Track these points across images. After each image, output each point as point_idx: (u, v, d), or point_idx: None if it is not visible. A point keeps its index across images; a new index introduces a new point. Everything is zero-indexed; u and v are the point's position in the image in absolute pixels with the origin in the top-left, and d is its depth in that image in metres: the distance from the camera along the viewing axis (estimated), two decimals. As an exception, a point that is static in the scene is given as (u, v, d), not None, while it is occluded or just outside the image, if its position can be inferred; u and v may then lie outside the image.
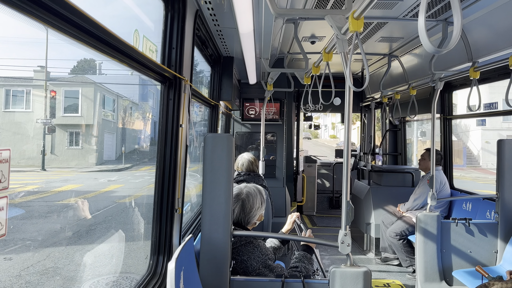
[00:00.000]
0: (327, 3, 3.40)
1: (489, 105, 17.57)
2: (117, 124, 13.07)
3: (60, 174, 8.90)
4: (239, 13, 2.55)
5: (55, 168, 8.69)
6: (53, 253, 5.35)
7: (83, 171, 10.06)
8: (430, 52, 1.37)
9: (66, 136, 8.72)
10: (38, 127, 6.94)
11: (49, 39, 5.04)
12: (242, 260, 2.47)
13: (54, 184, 8.50)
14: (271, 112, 6.47)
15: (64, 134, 8.70)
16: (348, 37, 2.21)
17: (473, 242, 4.11)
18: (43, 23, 1.24)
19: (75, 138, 8.94)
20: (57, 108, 8.18)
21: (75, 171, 9.58)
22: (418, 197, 5.46)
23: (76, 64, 10.43)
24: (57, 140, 8.60)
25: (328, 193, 10.19)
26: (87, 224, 6.74)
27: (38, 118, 6.87)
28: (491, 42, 3.58)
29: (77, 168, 9.58)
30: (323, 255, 6.11)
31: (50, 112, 7.48)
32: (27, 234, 5.70)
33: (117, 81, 12.55)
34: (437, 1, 3.30)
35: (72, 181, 9.22)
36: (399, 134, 8.13)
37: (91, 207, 7.57)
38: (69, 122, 8.90)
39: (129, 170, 12.91)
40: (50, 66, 6.53)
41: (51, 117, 7.74)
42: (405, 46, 5.00)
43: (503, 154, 3.99)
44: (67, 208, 7.16)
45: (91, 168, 10.46)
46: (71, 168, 9.22)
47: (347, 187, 2.14)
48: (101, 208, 7.83)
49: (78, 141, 9.11)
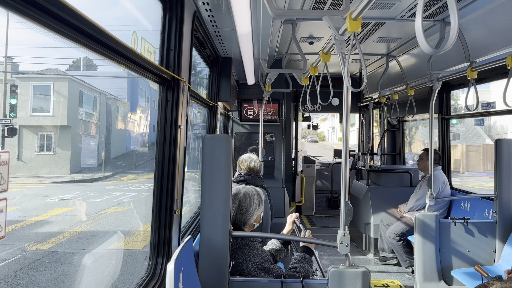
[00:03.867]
0: (325, 4, 3.41)
1: (487, 105, 17.60)
2: (99, 125, 11.42)
3: (11, 188, 7.02)
4: (237, 14, 2.56)
5: (18, 178, 7.27)
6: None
7: (47, 182, 7.95)
8: (427, 53, 1.38)
9: (36, 140, 7.45)
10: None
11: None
12: (238, 263, 2.47)
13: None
14: (269, 112, 6.47)
15: (33, 137, 7.44)
16: (346, 38, 2.22)
17: (472, 242, 4.12)
18: (40, 25, 1.24)
19: (46, 141, 7.70)
20: (24, 106, 6.95)
21: (39, 182, 7.62)
22: (420, 197, 5.45)
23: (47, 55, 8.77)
24: (25, 144, 7.34)
25: (326, 193, 10.20)
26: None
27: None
28: (489, 42, 3.59)
29: (47, 176, 7.63)
30: (322, 255, 6.11)
31: (10, 111, 6.18)
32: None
33: (100, 76, 11.01)
34: (434, 2, 3.31)
35: (10, 200, 6.31)
36: (397, 134, 8.14)
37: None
38: (39, 122, 7.62)
39: (108, 179, 10.76)
40: (12, 55, 5.40)
41: (12, 117, 6.48)
42: (403, 46, 5.01)
43: (501, 154, 4.01)
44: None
45: (62, 177, 8.40)
46: (38, 177, 7.47)
47: (345, 187, 2.15)
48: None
49: (50, 145, 7.85)
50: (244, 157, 4.40)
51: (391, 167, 7.34)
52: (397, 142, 8.19)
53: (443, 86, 5.62)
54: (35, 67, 8.82)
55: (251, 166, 4.31)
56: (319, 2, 3.37)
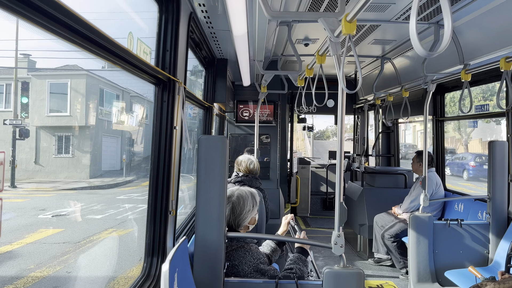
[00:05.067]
0: (320, 6, 3.42)
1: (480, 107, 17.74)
2: (122, 125, 10.43)
3: (24, 195, 5.88)
4: (233, 16, 2.56)
5: (33, 183, 6.45)
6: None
7: (59, 189, 6.84)
8: (421, 55, 1.39)
9: (54, 142, 6.86)
10: (4, 130, 4.92)
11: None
12: (233, 265, 2.47)
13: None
14: (265, 114, 6.48)
15: (51, 139, 6.88)
16: (341, 40, 2.23)
17: (465, 243, 4.15)
18: (35, 25, 1.23)
19: (64, 143, 7.12)
20: (40, 106, 6.41)
21: (52, 189, 6.58)
22: (414, 199, 5.48)
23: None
24: (42, 147, 6.72)
25: (321, 194, 10.22)
26: None
27: (5, 118, 5.22)
28: (482, 45, 3.62)
29: (64, 182, 6.71)
30: (316, 256, 6.12)
31: (22, 110, 5.52)
32: None
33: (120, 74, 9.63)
34: (429, 4, 3.34)
35: (4, 214, 5.60)
36: (392, 136, 8.18)
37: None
38: (56, 123, 7.04)
39: (128, 185, 9.81)
40: (28, 52, 4.91)
41: (24, 117, 5.79)
42: (397, 49, 5.05)
43: (494, 156, 4.04)
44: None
45: (79, 182, 7.36)
46: (55, 182, 6.61)
47: (340, 188, 2.16)
48: None
49: (68, 148, 7.22)
50: (244, 159, 4.34)
51: (386, 169, 7.38)
52: (391, 143, 8.23)
53: (437, 88, 5.64)
54: (53, 63, 8.01)
55: (250, 168, 4.27)
56: (314, 4, 3.38)
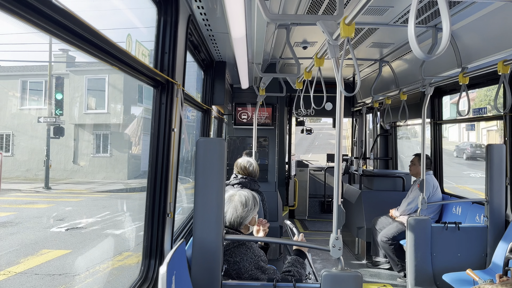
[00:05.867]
0: (319, 9, 3.43)
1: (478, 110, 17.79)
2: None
3: (51, 200, 5.31)
4: (232, 18, 2.56)
5: (71, 184, 5.98)
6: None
7: (93, 192, 6.12)
8: (419, 58, 1.39)
9: (92, 140, 6.35)
10: (39, 128, 4.64)
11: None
12: (235, 262, 2.49)
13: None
14: (263, 116, 6.48)
15: (89, 138, 6.39)
16: (340, 43, 2.24)
17: (463, 246, 4.15)
18: (35, 27, 1.23)
19: (103, 142, 6.58)
20: (78, 102, 5.97)
21: (87, 191, 5.91)
22: (411, 201, 5.49)
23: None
24: (81, 146, 6.25)
25: (319, 197, 10.21)
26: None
27: (40, 116, 4.92)
28: (480, 48, 3.64)
29: (100, 183, 6.09)
30: (315, 259, 6.11)
31: (56, 107, 5.22)
32: None
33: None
34: (427, 8, 3.35)
35: (16, 225, 4.83)
36: (390, 139, 8.19)
37: None
38: (94, 121, 6.51)
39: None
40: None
41: (58, 114, 5.44)
42: (395, 52, 5.06)
43: (492, 159, 4.05)
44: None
45: (116, 184, 6.55)
46: (92, 183, 6.15)
47: (338, 191, 2.16)
48: None
49: (106, 147, 6.63)
50: (243, 161, 4.31)
51: (384, 172, 7.38)
52: (389, 146, 8.24)
53: (435, 91, 5.67)
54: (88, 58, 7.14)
55: (249, 171, 4.25)
56: (313, 7, 3.39)
